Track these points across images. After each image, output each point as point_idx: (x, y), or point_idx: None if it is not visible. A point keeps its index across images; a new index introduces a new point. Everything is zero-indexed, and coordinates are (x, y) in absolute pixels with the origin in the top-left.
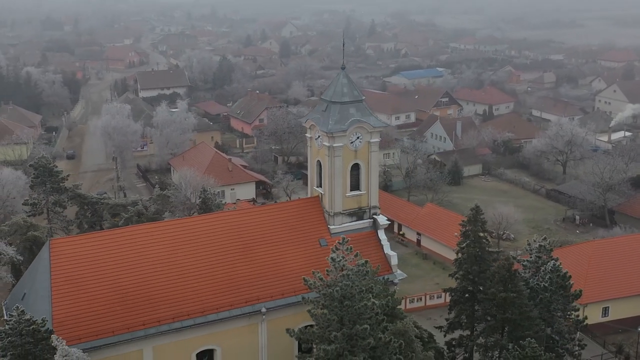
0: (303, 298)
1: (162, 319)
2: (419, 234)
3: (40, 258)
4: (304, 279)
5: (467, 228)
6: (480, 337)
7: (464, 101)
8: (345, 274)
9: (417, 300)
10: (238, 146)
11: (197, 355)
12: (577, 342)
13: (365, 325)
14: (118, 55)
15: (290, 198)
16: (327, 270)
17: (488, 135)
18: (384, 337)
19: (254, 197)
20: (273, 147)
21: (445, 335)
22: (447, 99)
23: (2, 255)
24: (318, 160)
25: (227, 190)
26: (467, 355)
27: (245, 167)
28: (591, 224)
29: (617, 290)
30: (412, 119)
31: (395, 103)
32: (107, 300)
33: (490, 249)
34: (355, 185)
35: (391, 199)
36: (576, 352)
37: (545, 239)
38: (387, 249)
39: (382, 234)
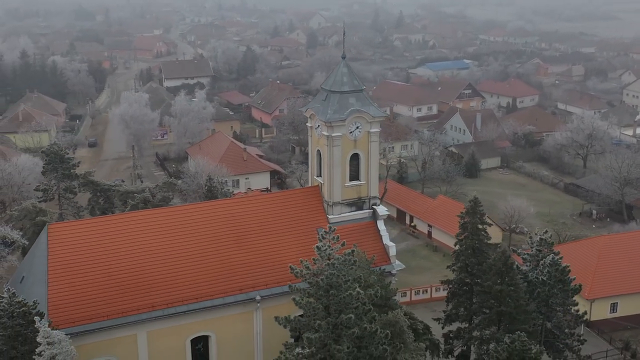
0: (290, 286)
1: (156, 305)
2: (430, 225)
3: (39, 242)
4: (290, 267)
5: (465, 220)
6: (476, 330)
7: (488, 93)
8: (331, 263)
9: (423, 292)
10: (257, 136)
11: (192, 341)
12: (577, 337)
13: (350, 315)
14: (146, 45)
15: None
16: (313, 259)
17: (509, 128)
18: (369, 327)
19: (269, 186)
20: (291, 137)
21: (443, 328)
22: (470, 91)
23: (7, 239)
24: (318, 150)
25: (241, 179)
26: (464, 347)
27: (261, 156)
28: (608, 219)
29: (627, 286)
30: (434, 110)
31: (417, 95)
32: (102, 285)
33: (488, 242)
34: (354, 176)
35: (403, 191)
36: (575, 347)
37: (546, 232)
38: (386, 240)
39: (381, 225)
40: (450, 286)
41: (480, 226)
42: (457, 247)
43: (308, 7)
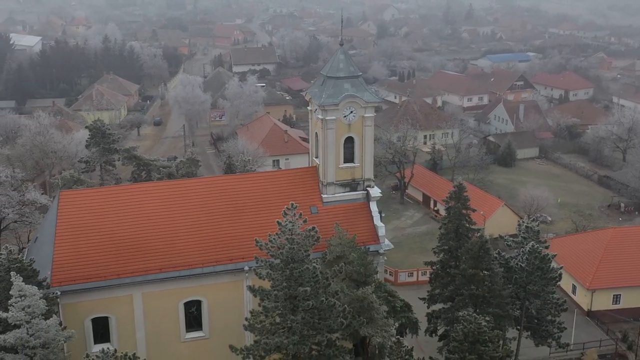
0: (256, 258)
1: (150, 269)
2: None
3: (52, 207)
4: (256, 240)
5: (450, 204)
6: (454, 311)
7: (542, 85)
8: (290, 238)
9: (423, 274)
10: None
11: (186, 304)
12: (557, 325)
13: (307, 288)
14: (224, 33)
15: None
16: (276, 234)
17: (553, 120)
18: (327, 300)
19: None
20: None
21: (428, 307)
22: (522, 83)
23: (37, 203)
24: (316, 132)
25: (281, 160)
26: (448, 327)
27: (304, 139)
28: (637, 212)
29: (631, 278)
30: (485, 101)
31: (469, 85)
32: (103, 248)
33: (471, 226)
34: (349, 158)
35: (430, 176)
36: (556, 335)
37: (534, 220)
38: (377, 221)
39: (373, 206)
40: (434, 268)
41: (464, 211)
42: (442, 230)
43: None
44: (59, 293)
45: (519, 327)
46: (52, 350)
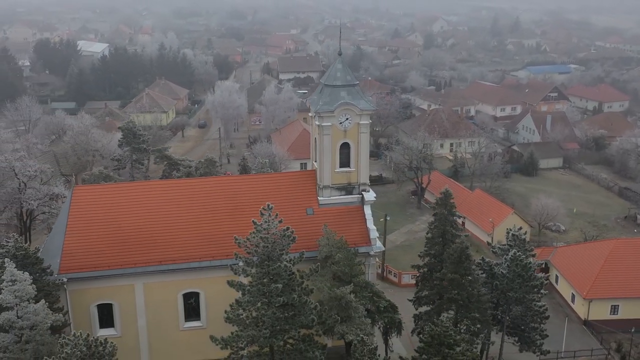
0: (235, 254)
1: (151, 261)
2: (464, 216)
3: (68, 200)
4: (235, 237)
5: (436, 210)
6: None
7: (577, 97)
8: (264, 237)
9: None
10: None
11: (185, 295)
12: (539, 332)
13: (279, 285)
14: (277, 43)
15: None
16: (252, 232)
17: (581, 131)
18: (297, 298)
19: None
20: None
21: (416, 309)
22: (556, 94)
23: (63, 196)
24: (315, 138)
25: (309, 163)
26: None
27: None
28: None
29: (630, 290)
30: (518, 111)
31: (503, 95)
32: (108, 240)
33: (456, 232)
34: (345, 163)
35: (446, 182)
36: (538, 342)
37: (521, 228)
38: (369, 224)
39: (367, 209)
40: (420, 271)
41: (450, 217)
42: (428, 235)
43: (436, 12)
44: (65, 280)
45: (500, 332)
46: (39, 331)
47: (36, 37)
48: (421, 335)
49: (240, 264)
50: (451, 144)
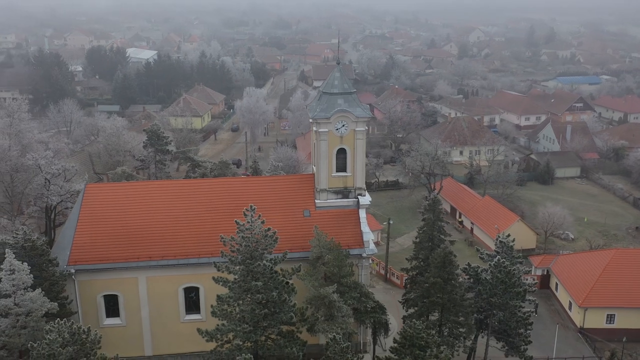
0: (222, 253)
1: (154, 256)
2: (472, 222)
3: (80, 198)
4: (220, 236)
5: (425, 216)
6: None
7: (603, 107)
8: (245, 237)
9: None
10: (369, 132)
11: (186, 290)
12: (523, 338)
13: (259, 282)
14: (316, 51)
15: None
16: (236, 232)
17: (602, 141)
18: (277, 296)
19: None
20: (396, 135)
21: (406, 311)
22: (581, 105)
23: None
24: (314, 143)
25: None
26: None
27: None
28: None
29: (626, 299)
30: (542, 120)
31: (527, 105)
32: (115, 235)
33: (443, 237)
34: (341, 167)
35: (458, 189)
36: (522, 348)
37: (509, 236)
38: (364, 227)
39: (362, 213)
40: (409, 274)
41: (438, 223)
42: (416, 239)
43: (475, 23)
44: (73, 271)
45: (484, 336)
46: (33, 318)
47: (92, 44)
48: (394, 337)
49: (226, 261)
50: (470, 152)
